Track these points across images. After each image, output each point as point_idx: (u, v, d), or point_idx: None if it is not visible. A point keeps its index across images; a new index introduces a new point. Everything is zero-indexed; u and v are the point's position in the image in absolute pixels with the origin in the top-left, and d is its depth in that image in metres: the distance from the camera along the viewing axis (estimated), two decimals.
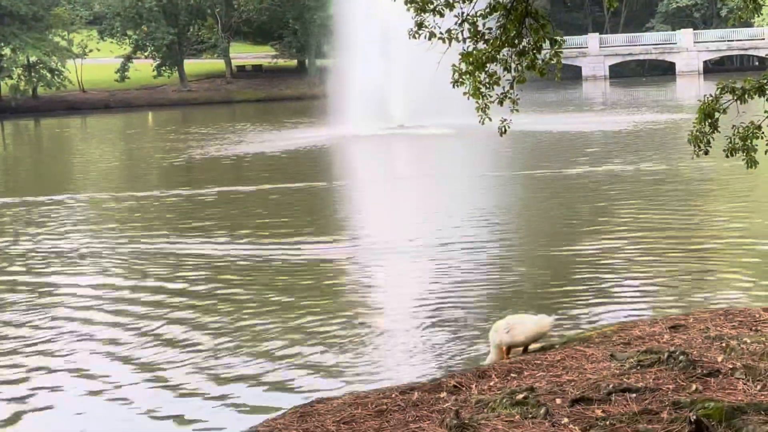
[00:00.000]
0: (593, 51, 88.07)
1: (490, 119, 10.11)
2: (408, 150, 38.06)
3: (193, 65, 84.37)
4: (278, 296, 14.45)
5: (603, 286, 13.94)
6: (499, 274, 15.43)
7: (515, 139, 36.60)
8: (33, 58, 72.86)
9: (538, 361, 8.70)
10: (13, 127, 64.83)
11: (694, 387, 7.17)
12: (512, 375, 8.30)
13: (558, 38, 9.61)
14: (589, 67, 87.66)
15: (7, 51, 72.67)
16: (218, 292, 14.92)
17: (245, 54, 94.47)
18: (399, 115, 43.78)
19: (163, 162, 36.24)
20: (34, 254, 18.63)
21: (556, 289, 14.01)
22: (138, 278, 16.04)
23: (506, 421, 6.68)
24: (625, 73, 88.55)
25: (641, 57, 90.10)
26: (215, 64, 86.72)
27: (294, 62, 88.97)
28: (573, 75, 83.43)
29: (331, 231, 20.31)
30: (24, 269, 17.31)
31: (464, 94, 10.54)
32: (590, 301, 13.07)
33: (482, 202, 23.68)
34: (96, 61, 78.71)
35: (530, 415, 6.76)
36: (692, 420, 6.19)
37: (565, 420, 6.70)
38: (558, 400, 7.20)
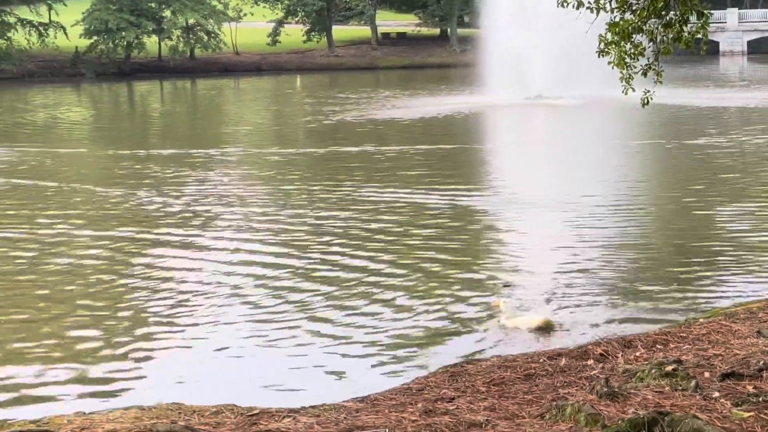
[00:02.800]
0: (731, 26, 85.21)
1: (633, 90, 9.92)
2: (546, 119, 37.56)
3: (340, 31, 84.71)
4: (429, 241, 15.00)
5: (747, 260, 13.36)
6: (639, 238, 15.21)
7: (652, 111, 35.82)
8: (191, 21, 74.18)
9: (683, 334, 8.50)
10: (171, 86, 66.20)
11: None
12: (658, 346, 8.14)
13: (705, 11, 9.32)
14: (727, 42, 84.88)
15: (167, 13, 74.13)
16: (378, 234, 15.65)
17: (390, 21, 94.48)
18: (538, 85, 43.17)
19: (316, 122, 36.55)
20: (203, 201, 19.26)
21: (697, 259, 13.59)
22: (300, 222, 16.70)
23: (656, 391, 6.53)
24: (763, 48, 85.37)
25: None
26: (361, 30, 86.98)
27: (437, 31, 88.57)
28: (709, 50, 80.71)
29: (477, 184, 21.09)
30: (206, 212, 18.00)
31: (609, 63, 10.35)
32: (733, 275, 12.58)
33: (620, 167, 23.54)
34: (249, 25, 79.73)
35: (680, 388, 6.60)
36: None
37: (716, 394, 6.51)
38: (707, 374, 7.02)
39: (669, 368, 6.89)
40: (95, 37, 71.58)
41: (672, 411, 5.93)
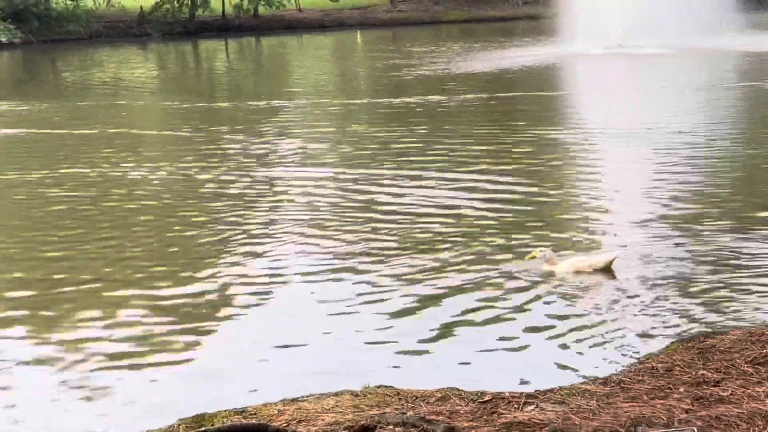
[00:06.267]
0: None
1: None
2: (629, 68, 35.94)
3: None
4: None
5: None
6: (728, 179, 14.63)
7: (739, 59, 34.46)
8: None
9: None
10: (236, 44, 65.09)
11: None
12: None
13: None
14: None
15: None
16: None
17: None
18: (617, 35, 41.43)
19: (392, 76, 35.22)
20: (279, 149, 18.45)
21: None
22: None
23: None
24: None
25: None
26: None
27: None
28: None
29: (565, 125, 20.95)
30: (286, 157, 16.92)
31: None
32: None
33: (706, 108, 22.99)
34: None
35: None
36: None
37: None
38: None
39: None
40: None
41: None
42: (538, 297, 9.30)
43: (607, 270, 9.95)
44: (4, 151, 20.76)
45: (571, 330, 8.33)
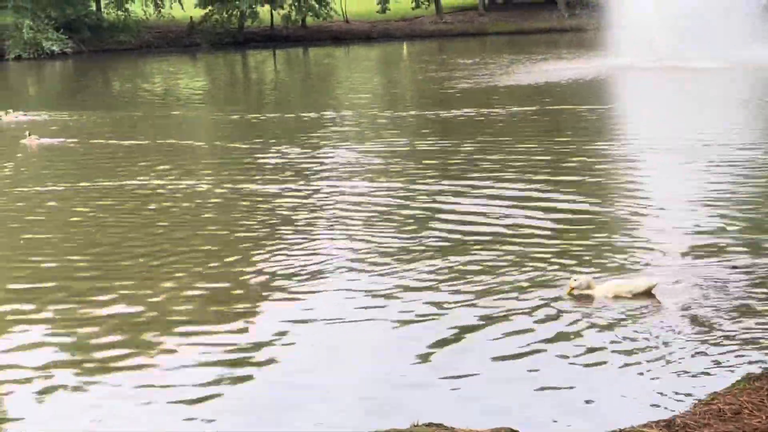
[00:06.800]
0: None
1: None
2: (676, 81, 35.22)
3: None
4: None
5: None
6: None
7: None
8: None
9: None
10: (284, 55, 65.07)
11: None
12: None
13: None
14: None
15: None
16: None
17: None
18: (662, 48, 40.67)
19: (435, 88, 34.86)
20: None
21: None
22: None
23: None
24: None
25: None
26: None
27: None
28: None
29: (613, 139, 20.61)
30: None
31: None
32: None
33: (756, 123, 22.62)
34: None
35: None
36: None
37: None
38: None
39: None
40: (209, 7, 70.68)
41: None
42: (585, 327, 8.86)
43: (647, 295, 9.41)
44: (51, 161, 20.68)
45: (624, 365, 7.91)
